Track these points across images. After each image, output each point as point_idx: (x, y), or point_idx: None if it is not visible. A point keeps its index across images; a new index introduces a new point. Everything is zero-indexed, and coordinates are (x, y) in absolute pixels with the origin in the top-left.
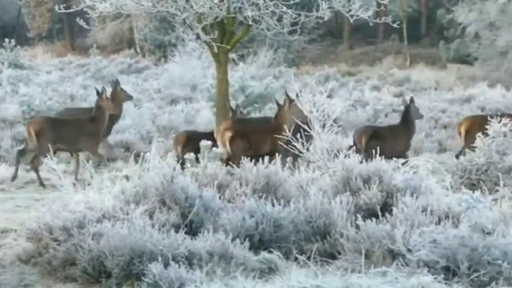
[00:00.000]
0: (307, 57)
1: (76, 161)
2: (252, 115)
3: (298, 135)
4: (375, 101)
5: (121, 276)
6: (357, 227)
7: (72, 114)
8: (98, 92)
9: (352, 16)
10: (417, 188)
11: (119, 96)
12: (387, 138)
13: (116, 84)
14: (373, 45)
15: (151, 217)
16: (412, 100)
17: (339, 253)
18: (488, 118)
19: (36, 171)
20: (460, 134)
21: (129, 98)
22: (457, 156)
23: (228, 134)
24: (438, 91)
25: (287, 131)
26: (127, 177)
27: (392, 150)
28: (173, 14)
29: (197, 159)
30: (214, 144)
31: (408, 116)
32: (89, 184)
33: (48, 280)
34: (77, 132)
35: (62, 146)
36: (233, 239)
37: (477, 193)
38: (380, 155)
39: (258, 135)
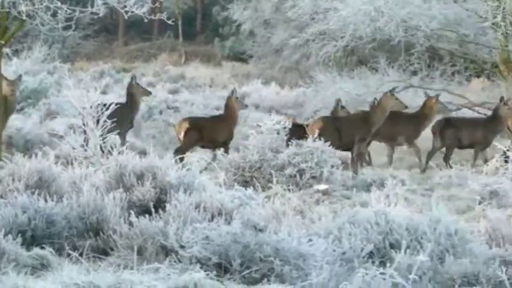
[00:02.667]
0: (82, 53)
1: None
2: None
3: None
4: (149, 97)
5: None
6: (130, 223)
7: None
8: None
9: (127, 12)
10: (190, 184)
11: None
12: (464, 129)
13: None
14: (148, 41)
15: None
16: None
17: (112, 249)
18: None
19: None
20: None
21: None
22: None
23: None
24: (213, 88)
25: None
26: None
27: (471, 141)
28: None
29: None
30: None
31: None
32: None
33: None
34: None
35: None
36: (5, 235)
37: (250, 190)
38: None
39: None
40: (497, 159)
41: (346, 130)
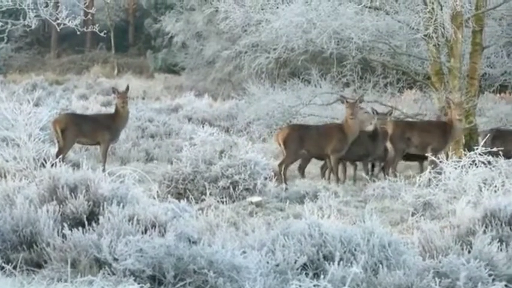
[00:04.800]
0: (14, 65)
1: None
2: None
3: None
4: (82, 109)
5: None
6: (64, 236)
7: None
8: (113, 91)
9: (59, 25)
10: (124, 197)
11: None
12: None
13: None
14: (81, 53)
15: None
16: None
17: (46, 262)
18: None
19: None
20: None
21: None
22: None
23: None
24: (146, 100)
25: None
26: None
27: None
28: None
29: None
30: None
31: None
32: None
33: None
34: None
35: (83, 139)
36: None
37: (183, 202)
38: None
39: None
40: (430, 171)
41: (316, 139)
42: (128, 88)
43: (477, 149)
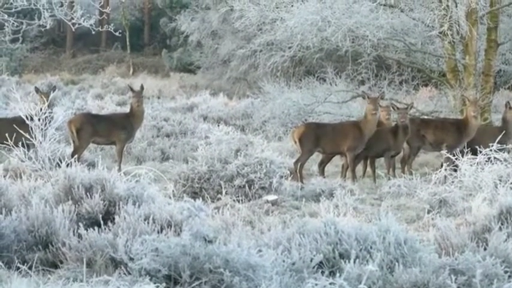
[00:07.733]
0: (29, 65)
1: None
2: None
3: None
4: (98, 109)
5: None
6: (79, 235)
7: None
8: (131, 89)
9: (74, 24)
10: (139, 196)
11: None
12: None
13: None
14: (96, 53)
15: None
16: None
17: (61, 262)
18: None
19: None
20: None
21: None
22: None
23: None
24: (161, 99)
25: None
26: None
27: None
28: None
29: None
30: None
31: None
32: None
33: None
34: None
35: (99, 139)
36: None
37: (199, 201)
38: None
39: None
40: (446, 168)
41: (331, 137)
42: (142, 87)
43: (492, 145)
